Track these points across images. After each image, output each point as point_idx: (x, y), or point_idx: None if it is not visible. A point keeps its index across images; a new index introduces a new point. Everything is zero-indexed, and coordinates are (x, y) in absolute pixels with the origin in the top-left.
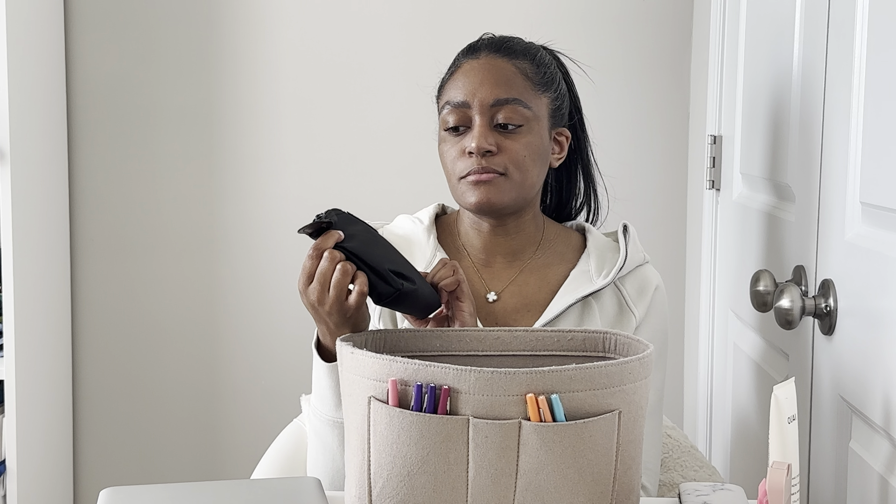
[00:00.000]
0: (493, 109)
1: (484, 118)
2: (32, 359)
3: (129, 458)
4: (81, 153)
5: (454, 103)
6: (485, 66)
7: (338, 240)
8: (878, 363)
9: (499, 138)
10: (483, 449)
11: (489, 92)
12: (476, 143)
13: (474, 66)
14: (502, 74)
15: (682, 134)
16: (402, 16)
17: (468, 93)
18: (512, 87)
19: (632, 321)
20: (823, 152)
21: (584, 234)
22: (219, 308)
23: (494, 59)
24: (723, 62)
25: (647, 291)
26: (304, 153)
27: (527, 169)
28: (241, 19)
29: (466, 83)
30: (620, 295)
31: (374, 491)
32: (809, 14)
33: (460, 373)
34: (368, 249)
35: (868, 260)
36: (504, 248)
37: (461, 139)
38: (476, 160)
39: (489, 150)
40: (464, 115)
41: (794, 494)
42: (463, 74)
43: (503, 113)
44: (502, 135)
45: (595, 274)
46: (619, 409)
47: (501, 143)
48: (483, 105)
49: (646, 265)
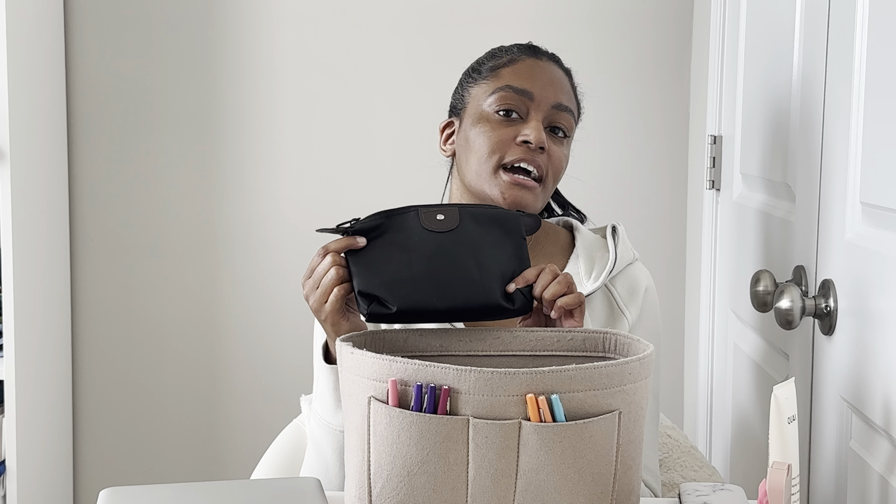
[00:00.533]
0: (553, 112)
1: (542, 115)
2: (32, 359)
3: (129, 458)
4: (81, 153)
5: (518, 89)
6: (549, 69)
7: (349, 246)
8: (878, 363)
9: (548, 141)
10: (483, 449)
11: (554, 94)
12: (535, 136)
13: (540, 66)
14: (564, 83)
15: (682, 134)
16: (401, 16)
17: (534, 86)
18: (570, 97)
19: (624, 323)
20: (823, 152)
21: (573, 231)
22: (219, 308)
23: (556, 67)
24: (723, 62)
25: (639, 292)
26: (304, 153)
27: (558, 178)
28: (241, 20)
29: (533, 76)
30: (611, 296)
31: (373, 491)
32: (809, 14)
33: (460, 373)
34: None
35: (868, 260)
36: None
37: (510, 126)
38: (527, 151)
39: (542, 147)
40: (522, 104)
41: (794, 494)
42: (528, 67)
43: (559, 118)
44: (551, 138)
45: (584, 276)
46: (619, 410)
47: (550, 147)
48: (546, 103)
49: (635, 263)
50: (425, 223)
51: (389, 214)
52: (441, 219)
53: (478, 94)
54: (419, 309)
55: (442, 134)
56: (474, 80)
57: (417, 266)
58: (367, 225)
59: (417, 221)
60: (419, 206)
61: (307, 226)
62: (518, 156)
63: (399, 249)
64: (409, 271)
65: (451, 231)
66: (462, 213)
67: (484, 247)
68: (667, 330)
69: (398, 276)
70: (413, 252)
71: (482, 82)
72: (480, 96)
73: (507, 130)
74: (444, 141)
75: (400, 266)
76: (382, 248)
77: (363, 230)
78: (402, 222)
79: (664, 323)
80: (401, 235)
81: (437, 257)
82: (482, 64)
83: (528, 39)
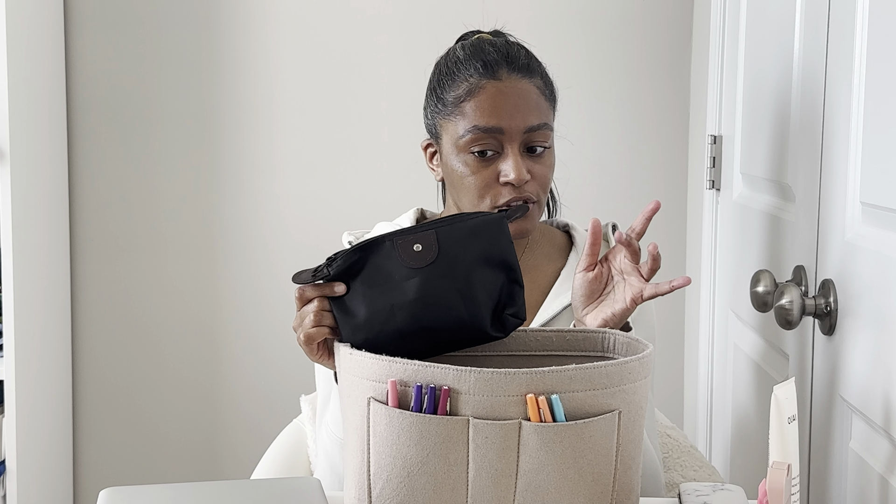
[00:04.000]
0: (525, 136)
1: (517, 145)
2: (32, 359)
3: (129, 458)
4: (81, 153)
5: (484, 128)
6: (512, 90)
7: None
8: (878, 363)
9: (529, 164)
10: (483, 449)
11: (522, 119)
12: (517, 175)
13: (501, 90)
14: (530, 99)
15: (682, 134)
16: (401, 16)
17: (501, 118)
18: (540, 111)
19: None
20: (824, 152)
21: (569, 231)
22: (219, 308)
23: (518, 81)
24: (723, 62)
25: None
26: (303, 153)
27: (548, 189)
28: (240, 19)
29: (497, 108)
30: None
31: (373, 492)
32: (809, 14)
33: (460, 373)
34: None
35: (868, 260)
36: None
37: (489, 164)
38: (512, 189)
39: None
40: (493, 141)
41: (794, 494)
42: (490, 98)
43: (534, 139)
44: (531, 159)
45: None
46: (618, 409)
47: (532, 168)
48: (517, 133)
49: None
50: (403, 258)
51: (364, 247)
52: (419, 249)
53: (449, 129)
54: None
55: (425, 152)
56: (440, 111)
57: (401, 316)
58: (343, 266)
59: (395, 255)
60: (394, 234)
61: (307, 226)
62: (508, 197)
63: (380, 293)
64: (393, 322)
65: (430, 265)
66: (440, 238)
67: (469, 273)
68: (667, 330)
69: (382, 328)
70: (395, 296)
71: (449, 117)
72: (452, 131)
73: (487, 172)
74: (429, 159)
75: (383, 317)
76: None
77: (340, 273)
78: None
79: (664, 323)
80: (380, 276)
81: (420, 301)
82: (444, 89)
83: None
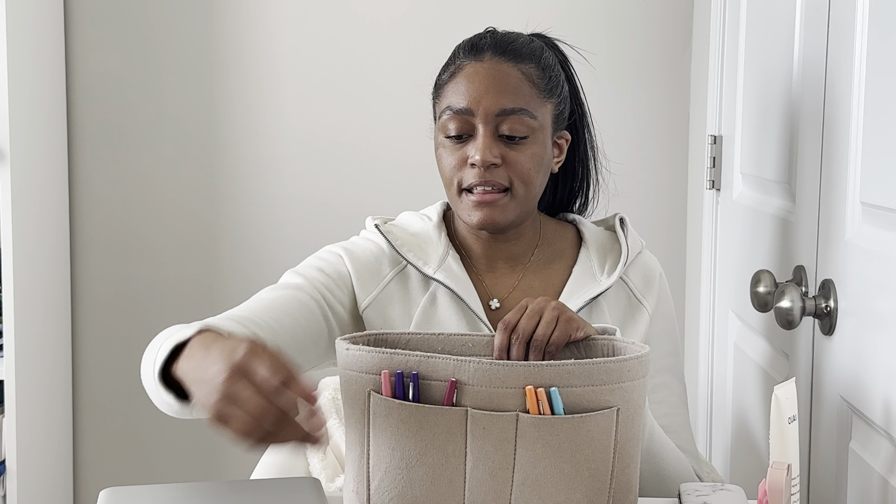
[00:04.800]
0: (498, 119)
1: (488, 128)
2: (32, 359)
3: (129, 458)
4: (81, 153)
5: (455, 109)
6: (490, 70)
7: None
8: (878, 363)
9: (503, 149)
10: (481, 441)
11: (494, 101)
12: (480, 157)
13: (479, 71)
14: (508, 81)
15: (682, 134)
16: (401, 15)
17: (471, 99)
18: (518, 95)
19: (644, 314)
20: (824, 152)
21: (577, 226)
22: (219, 308)
23: (500, 63)
24: (723, 62)
25: (654, 280)
26: (304, 153)
27: (531, 182)
28: (241, 19)
29: (470, 88)
30: (627, 288)
31: (372, 484)
32: (810, 14)
33: (460, 364)
34: None
35: (868, 260)
36: (505, 253)
37: (462, 147)
38: (479, 172)
39: (494, 164)
40: (466, 123)
41: (794, 494)
42: (466, 78)
43: (508, 124)
44: (507, 146)
45: (598, 270)
46: (617, 406)
47: (506, 154)
48: (488, 114)
49: (644, 251)
50: None
51: None
52: None
53: (436, 113)
54: None
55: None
56: (434, 95)
57: None
58: None
59: None
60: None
61: (307, 226)
62: (473, 180)
63: None
64: None
65: None
66: None
67: None
68: None
69: None
70: None
71: (436, 101)
72: (437, 114)
73: (458, 154)
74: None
75: None
76: None
77: None
78: None
79: None
80: None
81: None
82: (440, 74)
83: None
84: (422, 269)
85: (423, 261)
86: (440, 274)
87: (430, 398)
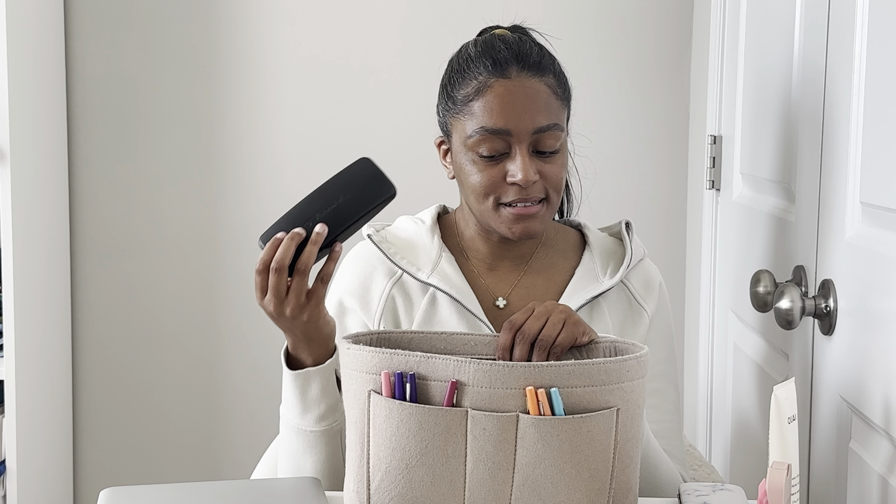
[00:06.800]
0: (535, 137)
1: (525, 146)
2: (32, 359)
3: (129, 458)
4: (81, 153)
5: (492, 129)
6: (521, 89)
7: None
8: (878, 363)
9: (539, 164)
10: (481, 441)
11: (531, 120)
12: (523, 176)
13: (510, 90)
14: (540, 99)
15: (682, 134)
16: (402, 15)
17: (509, 119)
18: (550, 111)
19: (643, 316)
20: (823, 152)
21: (581, 230)
22: (219, 308)
23: (528, 80)
24: (723, 62)
25: (654, 286)
26: (303, 153)
27: (562, 189)
28: (240, 19)
29: (505, 109)
30: (628, 291)
31: (372, 485)
32: (809, 13)
33: (460, 364)
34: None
35: (868, 260)
36: (512, 253)
37: (496, 164)
38: (519, 190)
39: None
40: (501, 142)
41: (794, 494)
42: (498, 98)
43: (544, 140)
44: (541, 159)
45: (601, 272)
46: (616, 407)
47: (542, 168)
48: (525, 134)
49: (646, 259)
50: None
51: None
52: None
53: (458, 128)
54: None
55: (438, 150)
56: (450, 109)
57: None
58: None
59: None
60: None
61: None
62: (513, 196)
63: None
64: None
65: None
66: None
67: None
68: None
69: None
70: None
71: (458, 116)
72: (461, 130)
73: (494, 171)
74: (442, 157)
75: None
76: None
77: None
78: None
79: None
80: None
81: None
82: (454, 87)
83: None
84: (415, 274)
85: (416, 266)
86: (434, 278)
87: (430, 398)
